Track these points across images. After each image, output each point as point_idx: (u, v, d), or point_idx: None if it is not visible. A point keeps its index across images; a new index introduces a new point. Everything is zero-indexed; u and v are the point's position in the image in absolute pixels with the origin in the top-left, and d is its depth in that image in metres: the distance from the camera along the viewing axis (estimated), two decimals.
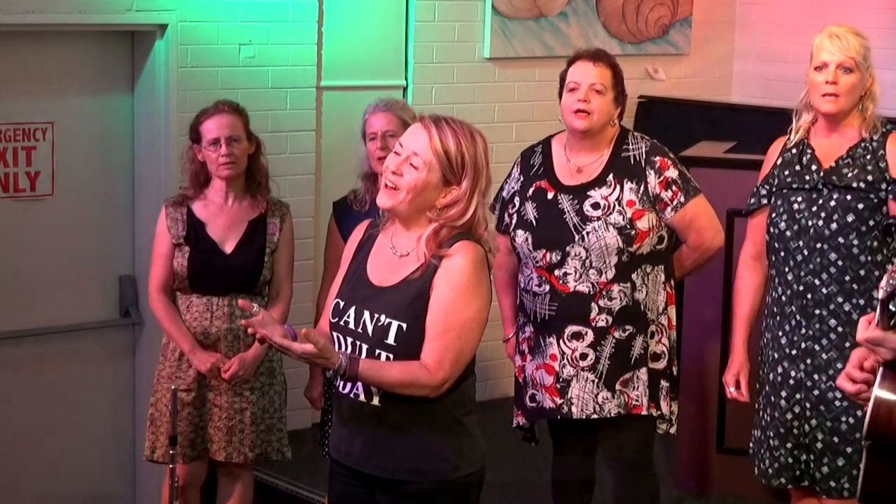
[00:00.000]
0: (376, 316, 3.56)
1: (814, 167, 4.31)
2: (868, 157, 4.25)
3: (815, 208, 4.27)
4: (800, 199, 4.31)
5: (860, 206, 4.22)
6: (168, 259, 4.97)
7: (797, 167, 4.34)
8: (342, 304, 3.66)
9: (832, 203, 4.25)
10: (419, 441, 3.58)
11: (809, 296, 4.27)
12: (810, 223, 4.27)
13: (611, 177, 4.50)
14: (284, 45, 6.20)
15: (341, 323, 3.64)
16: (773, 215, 4.37)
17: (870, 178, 4.22)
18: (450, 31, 6.81)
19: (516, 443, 4.93)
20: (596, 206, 4.48)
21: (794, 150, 4.38)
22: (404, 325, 3.53)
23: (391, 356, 3.54)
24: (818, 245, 4.25)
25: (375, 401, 3.58)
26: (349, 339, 3.61)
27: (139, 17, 5.80)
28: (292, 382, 5.49)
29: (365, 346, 3.58)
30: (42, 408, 5.94)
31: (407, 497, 3.60)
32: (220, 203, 5.01)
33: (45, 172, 5.83)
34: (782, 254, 4.34)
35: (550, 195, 4.54)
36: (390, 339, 3.54)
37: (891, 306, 2.96)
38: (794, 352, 4.32)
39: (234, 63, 6.07)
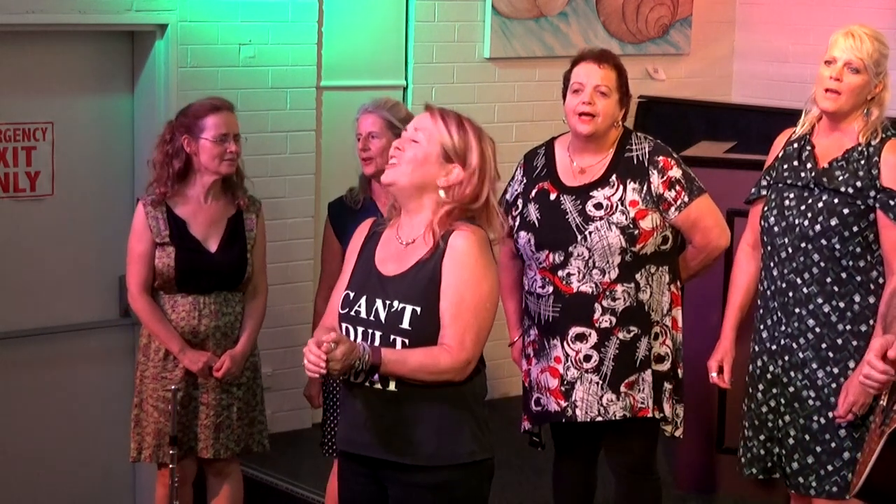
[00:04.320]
0: (388, 302, 3.61)
1: (809, 165, 4.29)
2: (862, 162, 4.20)
3: (803, 207, 4.26)
4: (792, 195, 4.30)
5: (845, 210, 4.18)
6: (148, 258, 4.88)
7: (795, 162, 4.33)
8: (352, 294, 3.70)
9: (820, 204, 4.23)
10: (436, 423, 3.60)
11: (790, 294, 4.28)
12: (797, 222, 4.26)
13: (614, 177, 4.47)
14: (284, 45, 6.20)
15: (352, 313, 3.66)
16: (766, 209, 4.37)
17: (859, 183, 4.18)
18: (450, 31, 6.81)
19: (516, 442, 4.93)
20: (599, 206, 4.45)
21: (795, 145, 4.36)
22: (418, 309, 3.58)
23: (406, 341, 3.57)
24: (802, 244, 4.24)
25: (392, 386, 3.60)
26: (360, 329, 3.64)
27: (139, 17, 5.80)
28: (292, 382, 5.49)
29: (378, 334, 3.60)
30: (42, 408, 5.94)
31: (421, 488, 3.61)
32: (198, 201, 4.94)
33: (45, 172, 5.83)
34: (769, 248, 4.35)
35: (553, 196, 4.51)
36: (405, 324, 3.57)
37: None
38: (773, 347, 4.34)
39: (234, 63, 6.07)
